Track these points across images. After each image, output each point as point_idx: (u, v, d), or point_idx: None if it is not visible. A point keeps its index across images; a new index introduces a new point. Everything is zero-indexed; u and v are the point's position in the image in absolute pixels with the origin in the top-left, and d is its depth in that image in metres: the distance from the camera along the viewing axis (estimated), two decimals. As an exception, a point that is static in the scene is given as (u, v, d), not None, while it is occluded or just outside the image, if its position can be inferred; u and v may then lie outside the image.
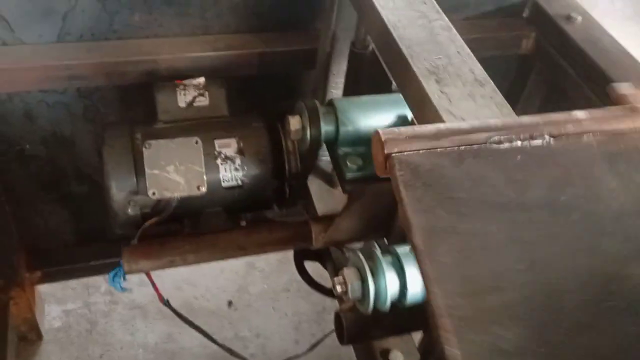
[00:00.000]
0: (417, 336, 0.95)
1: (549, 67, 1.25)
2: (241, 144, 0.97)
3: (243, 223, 0.99)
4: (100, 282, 1.61)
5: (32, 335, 1.46)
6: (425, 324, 0.85)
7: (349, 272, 0.71)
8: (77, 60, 1.02)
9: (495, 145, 0.55)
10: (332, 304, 1.60)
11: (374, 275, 0.70)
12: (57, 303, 1.56)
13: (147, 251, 0.88)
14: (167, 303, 1.15)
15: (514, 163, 0.54)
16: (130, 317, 1.56)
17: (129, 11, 1.04)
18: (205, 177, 0.92)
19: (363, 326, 0.84)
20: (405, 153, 0.52)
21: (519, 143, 0.56)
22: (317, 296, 1.12)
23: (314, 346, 1.42)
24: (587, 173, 0.53)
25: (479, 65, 0.74)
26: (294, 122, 0.86)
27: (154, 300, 1.49)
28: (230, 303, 1.62)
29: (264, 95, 1.19)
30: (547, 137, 0.57)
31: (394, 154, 0.51)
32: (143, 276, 1.55)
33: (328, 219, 0.93)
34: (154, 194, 0.89)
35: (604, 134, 0.56)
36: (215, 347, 1.35)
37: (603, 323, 0.42)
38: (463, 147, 0.54)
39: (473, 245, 0.48)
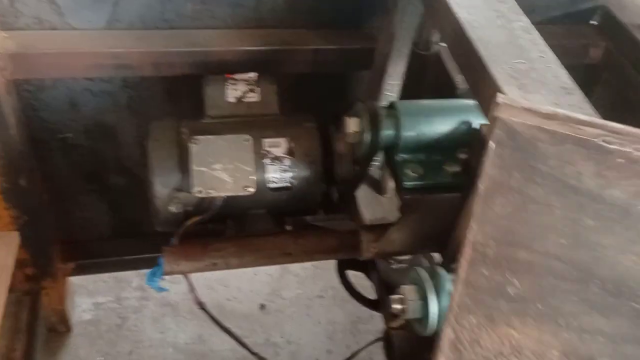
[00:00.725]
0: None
1: (618, 79, 1.17)
2: (291, 144, 0.92)
3: (289, 227, 0.94)
4: (132, 276, 1.57)
5: (61, 326, 1.43)
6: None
7: (409, 290, 0.65)
8: (125, 48, 0.99)
9: (604, 143, 0.54)
10: (368, 315, 1.54)
11: (437, 294, 0.64)
12: (88, 295, 1.53)
13: (188, 252, 0.83)
14: (202, 306, 1.11)
15: (612, 163, 0.53)
16: (161, 315, 1.53)
17: (182, 0, 1.00)
18: (253, 178, 0.87)
19: (415, 347, 0.79)
20: (514, 119, 0.54)
21: (629, 149, 0.54)
22: (352, 305, 1.07)
23: (349, 358, 1.36)
24: None
25: (564, 71, 0.68)
26: (352, 124, 0.80)
27: (185, 298, 1.46)
28: (262, 306, 1.58)
29: (316, 94, 1.14)
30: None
31: (501, 116, 0.53)
32: (174, 279, 1.52)
33: (380, 229, 0.87)
34: (199, 192, 0.84)
35: None
36: (245, 351, 1.31)
37: (605, 309, 0.44)
38: (571, 134, 0.55)
39: (529, 209, 0.50)
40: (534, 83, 0.65)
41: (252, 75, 0.97)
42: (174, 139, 0.89)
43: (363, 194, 1.03)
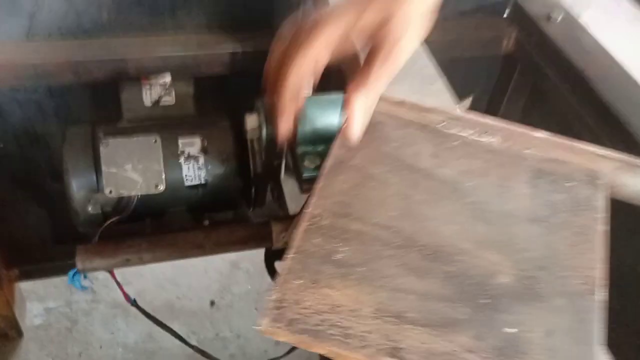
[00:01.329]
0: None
1: (530, 68, 1.23)
2: (205, 143, 0.96)
3: (206, 223, 0.98)
4: (82, 280, 1.61)
5: (12, 332, 1.46)
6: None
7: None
8: (44, 59, 1.02)
9: (443, 128, 0.61)
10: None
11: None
12: (39, 301, 1.56)
13: (101, 250, 0.87)
14: (134, 303, 1.15)
15: (448, 145, 0.59)
16: (112, 316, 1.56)
17: (97, 10, 1.03)
18: (164, 176, 0.91)
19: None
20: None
21: (465, 133, 0.61)
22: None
23: (292, 349, 1.41)
24: (505, 175, 0.55)
25: (431, 62, 0.73)
26: (251, 121, 0.84)
27: (136, 297, 1.49)
28: (212, 303, 1.62)
29: (237, 94, 1.18)
30: (496, 138, 0.60)
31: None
32: (126, 275, 1.56)
33: (288, 219, 0.91)
34: (110, 192, 0.88)
35: (546, 158, 0.59)
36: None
37: (421, 272, 0.49)
38: (415, 120, 0.62)
39: (367, 185, 0.56)
40: (400, 74, 0.69)
41: (167, 78, 1.01)
42: (89, 142, 0.93)
43: (290, 187, 1.08)
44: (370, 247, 0.50)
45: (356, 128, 0.56)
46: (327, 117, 0.86)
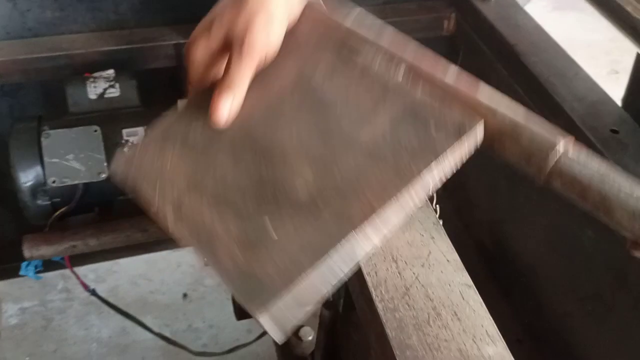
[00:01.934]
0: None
1: (470, 48, 1.26)
2: (148, 132, 1.00)
3: (153, 209, 1.01)
4: (57, 280, 1.64)
5: (-14, 332, 1.50)
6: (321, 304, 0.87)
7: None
8: (-11, 58, 1.06)
9: (354, 53, 0.60)
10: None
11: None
12: (14, 302, 1.59)
13: (48, 237, 0.91)
14: (93, 292, 1.18)
15: (348, 72, 0.59)
16: (85, 313, 1.60)
17: (40, 9, 1.07)
18: (106, 164, 0.94)
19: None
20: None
21: (373, 62, 0.59)
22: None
23: (261, 335, 1.44)
24: (378, 108, 0.54)
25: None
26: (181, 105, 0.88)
27: (109, 295, 1.52)
28: (185, 295, 1.65)
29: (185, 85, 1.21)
30: (399, 74, 0.57)
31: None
32: (99, 272, 1.59)
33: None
34: (53, 181, 0.92)
35: (430, 103, 0.56)
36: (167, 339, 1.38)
37: (241, 165, 0.55)
38: (336, 40, 0.62)
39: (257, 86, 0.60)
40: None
41: (110, 72, 1.04)
42: (34, 136, 0.96)
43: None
44: (218, 136, 0.56)
45: (222, 118, 0.57)
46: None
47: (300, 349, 0.99)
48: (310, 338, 1.00)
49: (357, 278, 0.59)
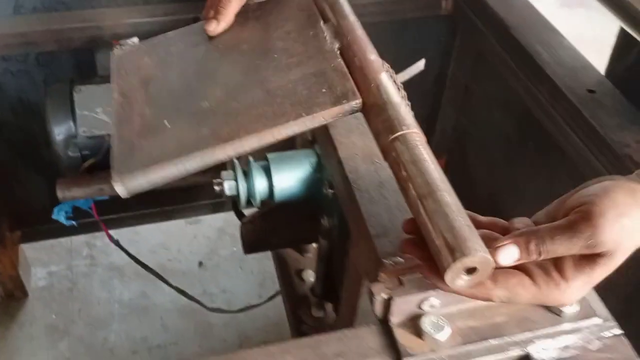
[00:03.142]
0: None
1: (468, 28, 1.35)
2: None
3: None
4: (82, 247, 1.76)
5: (18, 292, 1.61)
6: (316, 236, 0.96)
7: (225, 173, 0.83)
8: (30, 29, 1.18)
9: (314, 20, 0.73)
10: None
11: (245, 175, 0.83)
12: (43, 266, 1.71)
13: (78, 181, 1.02)
14: (116, 243, 1.29)
15: (294, 33, 0.73)
16: (108, 278, 1.71)
17: (74, -16, 1.19)
18: (130, 118, 1.05)
19: (261, 236, 0.96)
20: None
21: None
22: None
23: (271, 297, 1.54)
24: (304, 54, 0.68)
25: None
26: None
27: (130, 262, 1.64)
28: (200, 264, 1.75)
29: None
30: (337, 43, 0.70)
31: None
32: (119, 240, 1.70)
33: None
34: (84, 131, 1.03)
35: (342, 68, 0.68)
36: (184, 301, 1.49)
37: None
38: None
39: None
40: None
41: (135, 39, 1.16)
42: (66, 94, 1.08)
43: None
44: (186, 54, 0.73)
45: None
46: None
47: (302, 289, 1.09)
48: (311, 279, 1.10)
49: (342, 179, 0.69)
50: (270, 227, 0.95)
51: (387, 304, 0.51)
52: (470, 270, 0.45)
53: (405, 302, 0.51)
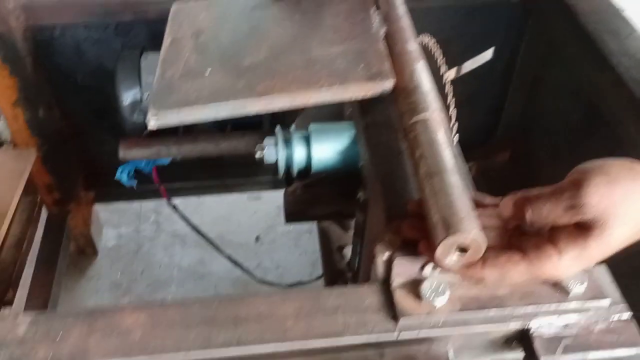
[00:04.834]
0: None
1: (537, 15, 1.31)
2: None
3: (228, 129, 1.16)
4: (150, 213, 1.86)
5: (89, 250, 1.73)
6: (357, 208, 0.98)
7: (268, 140, 0.86)
8: (108, -1, 1.26)
9: None
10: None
11: (286, 143, 0.85)
12: (113, 227, 1.82)
13: (139, 142, 1.08)
14: (174, 208, 1.36)
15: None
16: (171, 244, 1.79)
17: (150, -42, 1.26)
18: (191, 86, 1.10)
19: (301, 206, 0.99)
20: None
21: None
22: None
23: (320, 277, 1.57)
24: (350, 32, 0.72)
25: None
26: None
27: (192, 232, 1.72)
28: (257, 238, 1.81)
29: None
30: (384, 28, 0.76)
31: None
32: (186, 211, 1.78)
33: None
34: (149, 95, 1.09)
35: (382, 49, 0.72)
36: (238, 273, 1.55)
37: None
38: None
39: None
40: None
41: None
42: (136, 60, 1.14)
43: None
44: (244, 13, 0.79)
45: None
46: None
47: (342, 264, 1.11)
48: (350, 255, 1.11)
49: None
50: (311, 198, 0.98)
51: (389, 264, 0.52)
52: (463, 250, 0.46)
53: (406, 263, 0.52)
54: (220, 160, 1.20)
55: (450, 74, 0.82)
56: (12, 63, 1.30)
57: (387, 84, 0.60)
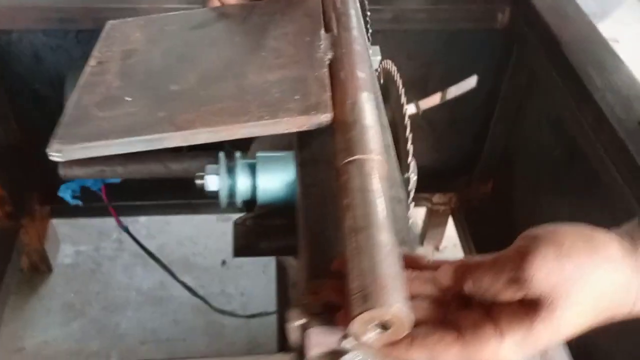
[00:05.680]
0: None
1: (525, 47, 1.24)
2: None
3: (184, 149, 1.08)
4: (112, 230, 1.76)
5: (42, 266, 1.63)
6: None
7: (210, 167, 0.78)
8: (67, 3, 1.18)
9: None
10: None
11: (230, 171, 0.77)
12: (72, 244, 1.73)
13: (80, 160, 0.99)
14: (126, 230, 1.27)
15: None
16: (132, 264, 1.70)
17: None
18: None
19: (251, 239, 0.90)
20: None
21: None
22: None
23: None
24: (292, 57, 0.65)
25: None
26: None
27: (157, 251, 1.62)
28: (223, 262, 1.72)
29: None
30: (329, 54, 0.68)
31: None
32: (151, 229, 1.70)
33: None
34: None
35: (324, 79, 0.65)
36: (199, 298, 1.46)
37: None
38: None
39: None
40: None
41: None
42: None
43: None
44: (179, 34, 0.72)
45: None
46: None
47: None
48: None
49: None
50: (263, 231, 0.89)
51: (304, 332, 0.44)
52: (385, 325, 0.38)
53: (324, 332, 0.43)
54: (188, 178, 1.12)
55: (411, 107, 0.74)
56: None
57: (324, 118, 0.53)
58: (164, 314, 1.58)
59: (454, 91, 1.40)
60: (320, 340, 0.43)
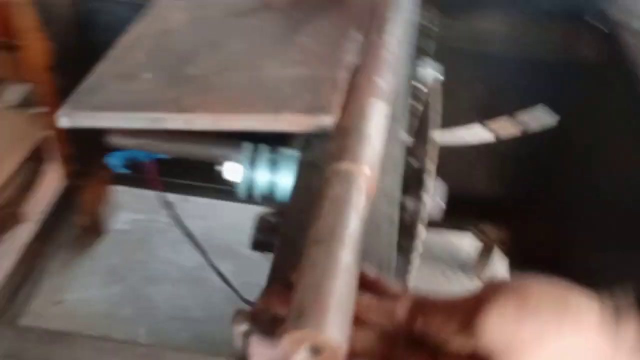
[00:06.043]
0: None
1: (620, 81, 1.15)
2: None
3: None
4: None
5: (96, 228, 1.70)
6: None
7: (233, 156, 0.78)
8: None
9: None
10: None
11: (251, 165, 0.76)
12: (130, 211, 1.79)
13: (131, 131, 1.01)
14: (167, 204, 1.29)
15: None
16: (181, 241, 1.71)
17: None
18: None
19: (268, 236, 0.89)
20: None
21: None
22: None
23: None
24: (314, 54, 0.61)
25: None
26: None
27: (204, 233, 1.64)
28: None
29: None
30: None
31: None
32: (203, 210, 1.71)
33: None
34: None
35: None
36: (237, 286, 1.47)
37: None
38: None
39: None
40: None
41: None
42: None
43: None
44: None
45: None
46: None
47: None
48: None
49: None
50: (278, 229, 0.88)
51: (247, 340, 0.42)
52: (317, 351, 0.35)
53: (264, 345, 0.41)
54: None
55: (438, 133, 0.70)
56: (51, 28, 1.29)
57: (326, 120, 0.50)
58: (198, 294, 1.60)
59: (532, 124, 1.33)
60: (261, 350, 0.41)
